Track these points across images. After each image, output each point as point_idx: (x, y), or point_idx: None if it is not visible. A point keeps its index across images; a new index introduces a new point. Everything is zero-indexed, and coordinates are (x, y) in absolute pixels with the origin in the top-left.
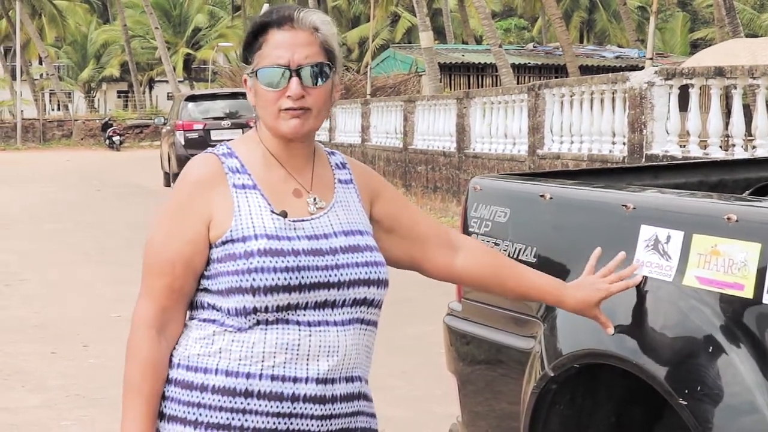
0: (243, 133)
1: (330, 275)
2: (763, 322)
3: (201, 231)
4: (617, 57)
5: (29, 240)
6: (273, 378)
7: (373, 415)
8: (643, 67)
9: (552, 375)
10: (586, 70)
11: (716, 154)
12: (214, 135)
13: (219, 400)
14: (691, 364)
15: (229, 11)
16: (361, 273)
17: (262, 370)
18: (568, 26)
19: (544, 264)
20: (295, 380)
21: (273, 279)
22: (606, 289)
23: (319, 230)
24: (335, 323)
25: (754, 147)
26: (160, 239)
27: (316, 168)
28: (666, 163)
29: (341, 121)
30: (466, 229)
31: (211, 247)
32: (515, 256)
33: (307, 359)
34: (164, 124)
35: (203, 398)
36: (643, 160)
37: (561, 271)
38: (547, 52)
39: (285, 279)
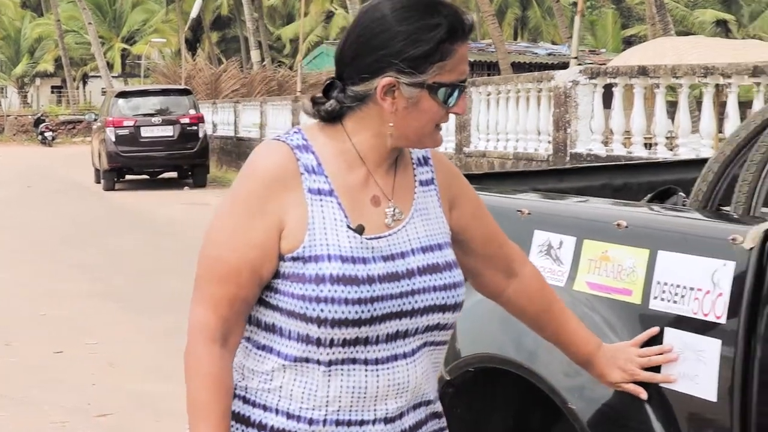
0: (174, 129)
1: (404, 303)
2: (650, 326)
3: (272, 236)
4: (549, 54)
5: None
6: (338, 423)
7: (442, 430)
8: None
9: (448, 378)
10: (518, 67)
11: (640, 152)
12: (144, 132)
13: None
14: (580, 369)
15: (163, 4)
16: (437, 298)
17: (326, 415)
18: (502, 23)
19: None
20: (361, 423)
21: (343, 312)
22: (631, 374)
23: (396, 248)
24: (404, 355)
25: (676, 145)
26: (224, 242)
27: (399, 168)
28: (570, 167)
29: (272, 117)
30: None
31: (279, 258)
32: None
33: (375, 400)
34: (95, 120)
35: None
36: (568, 158)
37: None
38: (479, 48)
39: (356, 312)
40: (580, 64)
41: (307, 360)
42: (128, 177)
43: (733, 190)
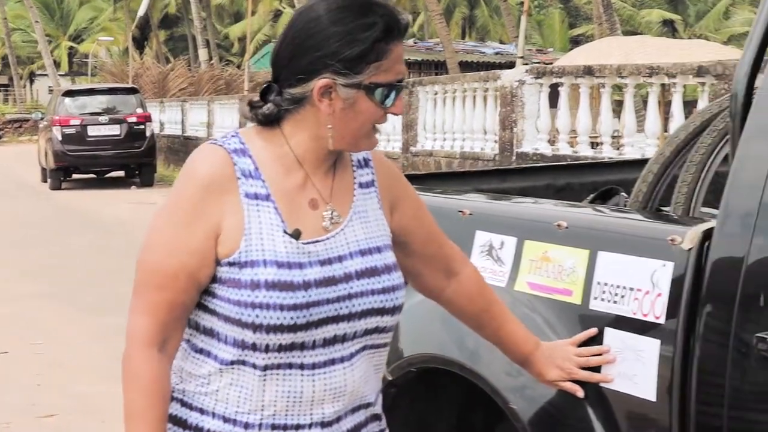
0: (121, 128)
1: (341, 307)
2: (590, 326)
3: (209, 242)
4: (497, 53)
5: None
6: (274, 427)
7: None
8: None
9: (390, 379)
10: (466, 66)
11: (585, 151)
12: (91, 131)
13: None
14: (522, 369)
15: (110, 2)
16: (375, 302)
17: (261, 419)
18: (449, 22)
19: None
20: (297, 428)
21: (279, 318)
22: (569, 372)
23: (333, 252)
24: (342, 359)
25: (622, 145)
26: (161, 248)
27: (337, 170)
28: (513, 167)
29: (219, 116)
30: None
31: (217, 263)
32: None
33: (311, 404)
34: (42, 119)
35: None
36: (514, 157)
37: None
38: (427, 47)
39: (292, 318)
40: (526, 64)
41: (243, 364)
42: (75, 176)
43: (673, 191)
